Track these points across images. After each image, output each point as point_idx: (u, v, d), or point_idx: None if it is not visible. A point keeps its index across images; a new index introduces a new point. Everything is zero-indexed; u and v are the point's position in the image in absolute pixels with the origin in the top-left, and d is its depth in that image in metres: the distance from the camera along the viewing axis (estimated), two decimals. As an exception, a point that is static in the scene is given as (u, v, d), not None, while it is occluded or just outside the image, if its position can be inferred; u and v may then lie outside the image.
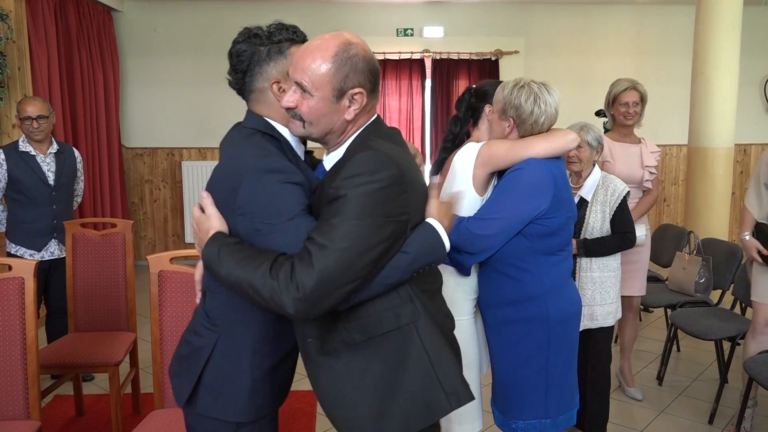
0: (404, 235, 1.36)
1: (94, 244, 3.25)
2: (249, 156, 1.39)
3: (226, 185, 1.40)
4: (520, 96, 2.00)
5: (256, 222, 1.34)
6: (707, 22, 4.80)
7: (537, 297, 2.05)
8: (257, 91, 1.49)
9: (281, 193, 1.33)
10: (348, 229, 1.26)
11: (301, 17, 6.69)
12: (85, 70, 5.61)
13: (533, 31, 6.83)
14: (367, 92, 1.40)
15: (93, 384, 3.70)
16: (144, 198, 6.77)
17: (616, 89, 3.45)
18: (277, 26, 1.49)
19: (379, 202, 1.29)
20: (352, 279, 1.27)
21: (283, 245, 1.31)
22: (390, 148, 1.38)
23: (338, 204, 1.28)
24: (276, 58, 1.47)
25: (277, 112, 1.47)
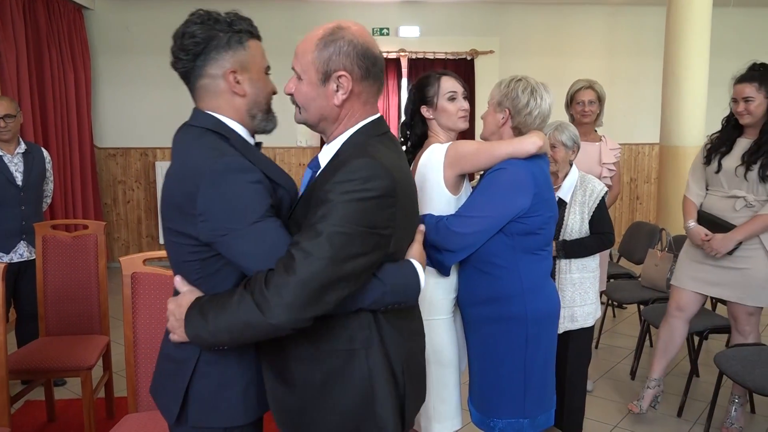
0: (386, 249, 1.32)
1: (65, 246, 3.19)
2: (204, 158, 1.33)
3: (182, 190, 1.33)
4: (518, 88, 2.07)
5: (219, 226, 1.29)
6: (677, 23, 4.89)
7: (516, 295, 2.05)
8: (207, 77, 1.41)
9: (242, 194, 1.29)
10: (331, 236, 1.23)
11: (276, 16, 6.65)
12: (55, 70, 5.51)
13: (508, 31, 6.88)
14: (355, 78, 1.37)
15: (65, 389, 3.64)
16: (117, 199, 6.67)
17: (573, 88, 3.53)
18: (236, 15, 1.44)
19: (366, 212, 1.26)
20: (335, 287, 1.25)
21: (248, 250, 1.29)
22: (388, 156, 1.35)
23: (325, 208, 1.26)
24: (235, 47, 1.41)
25: (228, 104, 1.43)
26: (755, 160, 2.81)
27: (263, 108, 1.48)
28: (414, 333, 1.54)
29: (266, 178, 1.36)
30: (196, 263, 1.38)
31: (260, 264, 1.27)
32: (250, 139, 1.48)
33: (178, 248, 1.41)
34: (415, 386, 1.49)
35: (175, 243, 1.40)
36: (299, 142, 6.86)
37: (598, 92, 3.48)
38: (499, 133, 2.13)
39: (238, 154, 1.36)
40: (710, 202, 3.01)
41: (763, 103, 2.81)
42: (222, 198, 1.28)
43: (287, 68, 1.47)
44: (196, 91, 1.45)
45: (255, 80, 1.45)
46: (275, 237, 1.30)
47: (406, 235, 1.44)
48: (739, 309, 2.98)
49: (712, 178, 3.00)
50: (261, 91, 1.47)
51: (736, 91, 2.88)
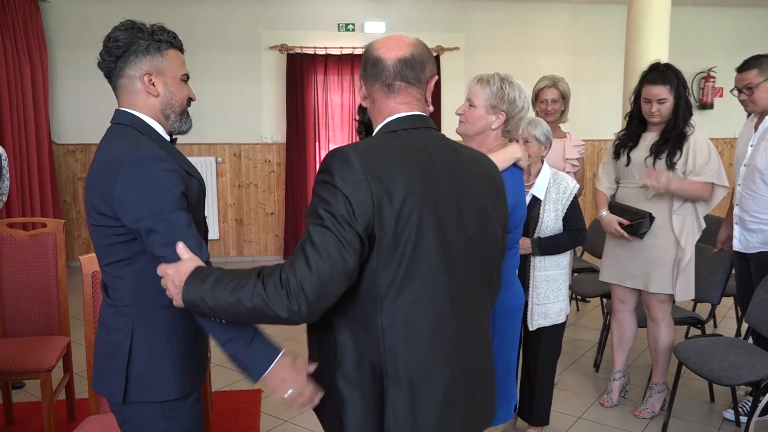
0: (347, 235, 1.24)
1: (22, 245, 3.10)
2: (122, 148, 1.47)
3: (105, 179, 1.46)
4: (514, 91, 2.03)
5: (135, 211, 1.42)
6: (637, 21, 4.99)
7: None
8: (126, 77, 1.57)
9: (157, 180, 1.43)
10: (311, 231, 1.25)
11: (242, 11, 6.57)
12: (10, 63, 5.34)
13: (473, 28, 6.93)
14: (365, 81, 1.46)
15: (24, 391, 3.54)
16: (77, 196, 6.51)
17: (537, 86, 3.59)
18: (160, 28, 1.61)
19: (318, 199, 1.27)
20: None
21: (157, 237, 1.40)
22: (370, 145, 1.33)
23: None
24: (153, 54, 1.57)
25: (144, 103, 1.58)
26: (663, 150, 2.97)
27: (176, 110, 1.63)
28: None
29: (179, 167, 1.50)
30: (122, 245, 1.50)
31: (166, 251, 1.39)
32: (165, 135, 1.63)
33: (104, 231, 1.50)
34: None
35: (101, 227, 1.51)
36: (264, 138, 6.80)
37: (561, 90, 3.54)
38: (486, 135, 2.08)
39: (154, 145, 1.50)
40: (623, 193, 3.16)
41: (672, 103, 2.96)
42: (138, 184, 1.42)
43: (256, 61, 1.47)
44: (117, 89, 1.61)
45: (169, 84, 1.60)
46: (183, 229, 1.42)
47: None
48: (650, 297, 3.11)
49: (623, 171, 3.15)
50: (174, 95, 1.61)
51: (650, 93, 2.99)
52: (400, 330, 1.29)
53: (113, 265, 1.53)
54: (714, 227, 3.63)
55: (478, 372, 1.42)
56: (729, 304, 4.69)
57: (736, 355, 2.78)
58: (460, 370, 1.37)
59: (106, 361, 1.57)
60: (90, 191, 1.52)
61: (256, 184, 6.86)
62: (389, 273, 1.27)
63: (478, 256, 1.40)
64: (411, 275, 1.28)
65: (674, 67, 3.02)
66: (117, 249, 1.51)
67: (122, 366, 1.53)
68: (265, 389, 1.52)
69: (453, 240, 1.33)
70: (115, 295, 1.56)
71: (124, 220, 1.44)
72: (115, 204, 1.44)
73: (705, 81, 7.29)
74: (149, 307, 1.54)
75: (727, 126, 7.24)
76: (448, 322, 1.34)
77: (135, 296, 1.54)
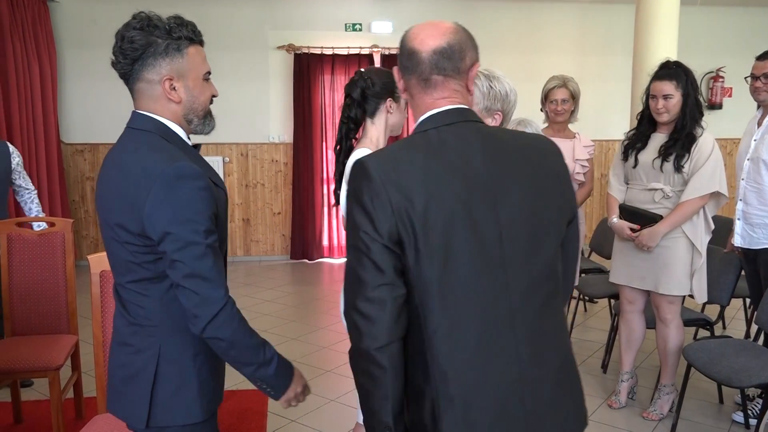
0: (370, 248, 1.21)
1: (31, 244, 3.12)
2: (154, 161, 1.37)
3: (135, 194, 1.36)
4: (503, 86, 1.92)
5: (163, 230, 1.34)
6: (646, 20, 4.97)
7: None
8: (144, 81, 1.46)
9: (191, 201, 1.35)
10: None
11: (249, 11, 6.58)
12: (19, 63, 5.37)
13: (480, 28, 6.89)
14: (403, 74, 1.35)
15: (33, 389, 3.56)
16: (85, 196, 6.54)
17: (547, 86, 3.58)
18: (177, 21, 1.46)
19: (353, 211, 1.24)
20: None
21: (189, 268, 1.34)
22: (390, 151, 1.28)
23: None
24: (173, 55, 1.44)
25: (164, 108, 1.47)
26: (671, 152, 2.95)
27: (199, 114, 1.52)
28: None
29: (210, 182, 1.42)
30: (150, 264, 1.42)
31: (183, 277, 1.34)
32: (188, 141, 1.53)
33: (130, 248, 1.42)
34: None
35: (126, 243, 1.41)
36: (272, 137, 6.81)
37: (571, 90, 3.52)
38: None
39: (188, 159, 1.40)
40: (631, 195, 3.16)
41: (679, 100, 2.93)
42: (171, 203, 1.34)
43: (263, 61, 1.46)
44: (134, 92, 1.49)
45: (191, 87, 1.48)
46: (208, 257, 1.36)
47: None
48: (660, 298, 3.09)
49: (631, 173, 3.15)
50: (197, 98, 1.50)
51: (655, 89, 2.98)
52: (445, 343, 1.21)
53: (138, 283, 1.45)
54: (722, 228, 3.61)
55: (546, 381, 1.28)
56: (738, 305, 4.66)
57: (745, 357, 2.76)
58: (520, 380, 1.24)
59: (127, 382, 1.49)
60: (112, 204, 1.42)
61: (263, 184, 6.88)
62: (423, 282, 1.20)
63: (535, 256, 1.27)
64: (447, 283, 1.20)
65: (684, 65, 2.99)
66: (144, 267, 1.42)
67: (146, 388, 1.45)
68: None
69: (492, 243, 1.23)
70: (140, 313, 1.46)
71: (152, 234, 1.36)
72: (145, 221, 1.35)
73: (714, 81, 7.25)
74: (177, 327, 1.46)
75: (736, 126, 7.18)
76: (498, 330, 1.23)
77: (162, 316, 1.45)
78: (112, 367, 1.54)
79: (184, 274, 1.34)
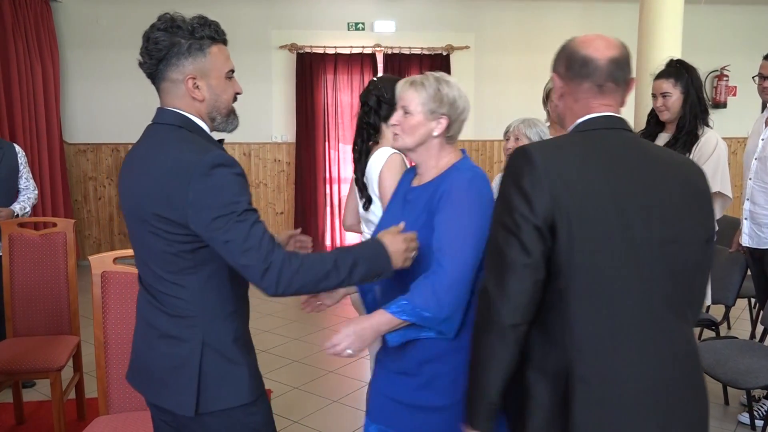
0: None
1: (33, 244, 3.11)
2: (189, 151, 1.42)
3: (173, 185, 1.40)
4: (453, 91, 1.76)
5: (208, 216, 1.37)
6: (650, 19, 4.94)
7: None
8: (169, 81, 1.50)
9: (230, 186, 1.40)
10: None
11: (251, 11, 6.57)
12: (22, 63, 5.37)
13: (484, 27, 6.89)
14: (569, 80, 1.44)
15: (34, 390, 3.55)
16: (88, 196, 6.54)
17: (548, 85, 3.51)
18: (200, 21, 1.50)
19: (510, 194, 1.39)
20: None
21: (238, 238, 1.37)
22: (553, 143, 1.47)
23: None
24: (195, 55, 1.48)
25: (189, 106, 1.51)
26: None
27: (222, 112, 1.57)
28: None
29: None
30: (188, 254, 1.45)
31: (236, 256, 1.38)
32: (212, 136, 1.57)
33: (168, 239, 1.44)
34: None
35: (165, 235, 1.44)
36: (274, 137, 6.80)
37: None
38: (428, 144, 1.77)
39: (221, 149, 1.46)
40: None
41: (679, 98, 2.89)
42: (212, 190, 1.38)
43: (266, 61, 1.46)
44: (160, 91, 1.54)
45: (214, 86, 1.53)
46: (256, 229, 1.39)
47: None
48: None
49: None
50: (220, 96, 1.54)
51: (655, 87, 2.96)
52: (585, 328, 1.28)
53: (176, 274, 1.47)
54: (726, 228, 3.59)
55: (679, 384, 1.33)
56: (743, 305, 4.64)
57: (751, 358, 2.74)
58: (655, 378, 1.30)
59: (172, 373, 1.51)
60: (147, 197, 1.45)
61: (265, 184, 6.87)
62: (573, 269, 1.27)
63: (675, 264, 1.33)
64: (594, 272, 1.27)
65: (687, 63, 2.96)
66: (182, 257, 1.46)
67: (193, 377, 1.48)
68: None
69: (641, 242, 1.29)
70: (179, 305, 1.49)
71: (196, 227, 1.39)
72: (187, 211, 1.38)
73: (718, 80, 7.22)
74: (216, 314, 1.50)
75: (740, 125, 7.15)
76: (640, 327, 1.29)
77: (201, 305, 1.48)
78: (152, 359, 1.55)
79: (239, 251, 1.37)
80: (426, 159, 1.78)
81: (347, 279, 1.47)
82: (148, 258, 1.51)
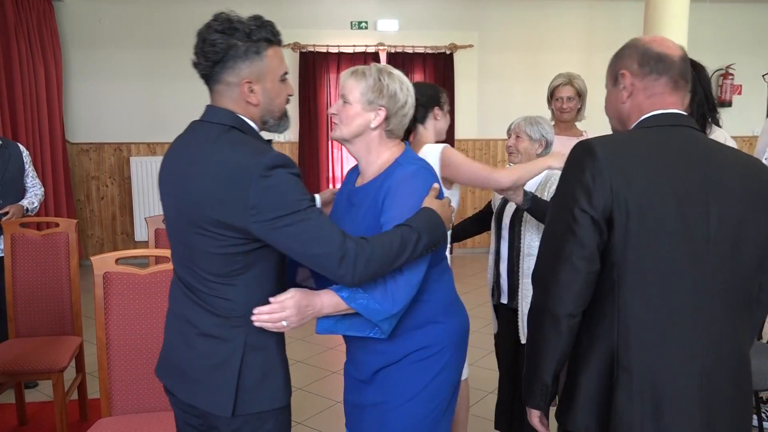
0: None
1: (35, 244, 3.09)
2: (244, 155, 1.40)
3: (230, 188, 1.38)
4: (394, 83, 1.69)
5: (272, 217, 1.37)
6: (655, 17, 4.91)
7: (439, 313, 1.72)
8: (224, 83, 1.48)
9: (290, 185, 1.40)
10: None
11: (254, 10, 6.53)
12: (24, 63, 5.36)
13: (487, 26, 6.86)
14: (643, 76, 1.48)
15: (37, 391, 3.54)
16: (90, 195, 6.53)
17: (552, 84, 3.48)
18: (257, 23, 1.49)
19: (571, 186, 1.44)
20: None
21: (300, 235, 1.38)
22: (616, 138, 1.48)
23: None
24: (252, 58, 1.47)
25: (243, 109, 1.49)
26: None
27: (275, 115, 1.56)
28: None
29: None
30: (239, 255, 1.45)
31: (310, 247, 1.38)
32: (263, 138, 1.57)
33: (221, 241, 1.43)
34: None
35: (218, 237, 1.43)
36: (277, 136, 6.77)
37: (577, 88, 3.45)
38: (366, 137, 1.71)
39: (276, 150, 1.45)
40: None
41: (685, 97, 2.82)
42: (274, 190, 1.37)
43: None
44: (213, 92, 1.52)
45: (269, 89, 1.51)
46: (323, 220, 1.41)
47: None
48: None
49: None
50: (274, 100, 1.53)
51: None
52: (633, 319, 1.32)
53: (224, 276, 1.47)
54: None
55: (723, 383, 1.34)
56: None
57: (759, 359, 2.70)
58: (699, 374, 1.32)
59: (210, 372, 1.49)
60: (198, 200, 1.42)
61: (268, 183, 6.85)
62: (626, 262, 1.31)
63: (734, 262, 1.34)
64: (648, 266, 1.30)
65: (694, 61, 2.90)
66: (234, 259, 1.45)
67: (233, 377, 1.47)
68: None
69: (698, 238, 1.31)
70: (224, 305, 1.48)
71: (254, 227, 1.38)
72: (247, 213, 1.37)
73: (723, 78, 7.18)
74: None
75: (745, 124, 7.11)
76: (689, 322, 1.32)
77: (247, 306, 1.46)
78: (189, 357, 1.53)
79: (313, 241, 1.38)
80: (365, 154, 1.73)
81: (413, 254, 1.47)
82: (192, 259, 1.49)
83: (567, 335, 1.36)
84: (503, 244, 2.64)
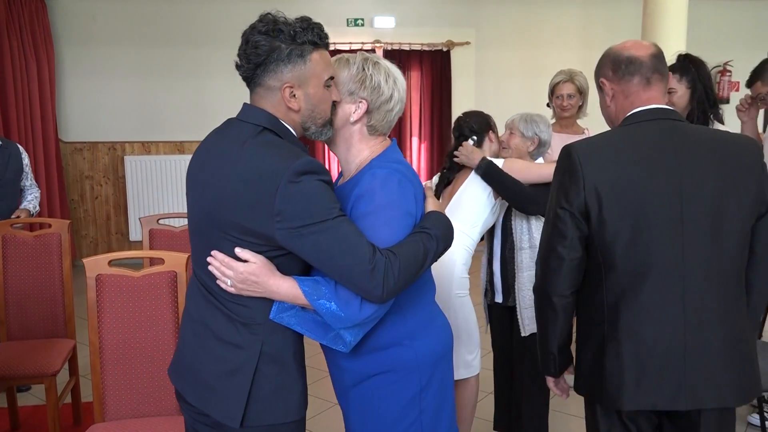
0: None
1: (27, 245, 3.04)
2: (274, 158, 1.35)
3: (257, 193, 1.34)
4: (379, 75, 1.55)
5: (298, 224, 1.32)
6: (653, 14, 4.88)
7: (405, 335, 1.58)
8: (265, 87, 1.44)
9: (319, 193, 1.34)
10: None
11: (249, 7, 6.49)
12: (16, 61, 5.30)
13: (484, 23, 6.82)
14: (617, 81, 1.69)
15: (30, 394, 3.49)
16: (84, 195, 6.47)
17: (553, 81, 3.45)
18: (303, 25, 1.44)
19: (556, 185, 1.70)
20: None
21: (328, 245, 1.33)
22: (593, 139, 1.70)
23: None
24: (295, 62, 1.41)
25: (283, 114, 1.44)
26: None
27: (318, 122, 1.48)
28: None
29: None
30: None
31: (338, 259, 1.33)
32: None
33: (241, 245, 1.39)
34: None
35: (241, 242, 1.39)
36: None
37: (578, 85, 3.41)
38: (346, 131, 1.57)
39: (308, 155, 1.39)
40: None
41: (685, 93, 2.78)
42: (301, 197, 1.32)
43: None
44: (253, 94, 1.48)
45: (311, 95, 1.44)
46: (353, 231, 1.35)
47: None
48: None
49: None
50: (317, 106, 1.46)
51: None
52: (620, 297, 1.52)
53: None
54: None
55: (712, 348, 1.51)
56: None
57: (762, 359, 2.67)
58: (684, 342, 1.50)
59: (222, 378, 1.45)
60: (226, 203, 1.37)
61: (264, 182, 6.80)
62: (606, 246, 1.52)
63: (711, 236, 1.50)
64: (626, 247, 1.50)
65: (694, 57, 2.87)
66: None
67: (245, 386, 1.42)
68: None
69: (674, 219, 1.48)
70: (244, 313, 1.43)
71: (278, 234, 1.33)
72: (272, 220, 1.32)
73: (721, 75, 7.16)
74: (280, 326, 1.45)
75: (743, 121, 7.11)
76: (669, 297, 1.50)
77: (267, 314, 1.43)
78: (204, 361, 1.48)
79: (342, 252, 1.32)
80: (344, 150, 1.59)
81: (431, 262, 1.48)
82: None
83: (561, 312, 1.60)
84: (496, 242, 2.63)
